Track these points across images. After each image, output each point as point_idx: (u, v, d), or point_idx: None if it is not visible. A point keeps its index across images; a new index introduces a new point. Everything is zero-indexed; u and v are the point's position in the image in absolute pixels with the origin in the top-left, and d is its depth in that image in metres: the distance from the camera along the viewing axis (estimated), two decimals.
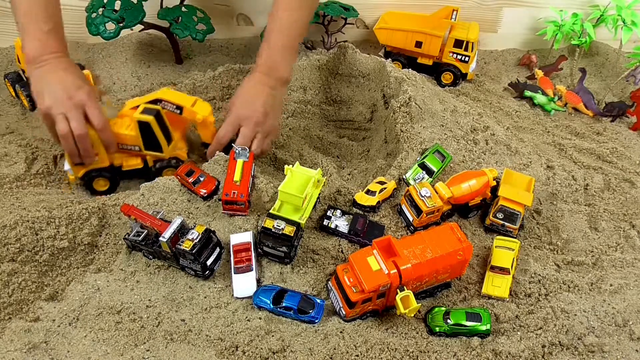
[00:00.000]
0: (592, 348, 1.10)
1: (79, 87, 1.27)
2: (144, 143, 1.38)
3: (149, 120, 1.32)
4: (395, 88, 1.58)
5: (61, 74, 1.28)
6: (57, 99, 1.24)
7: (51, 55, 1.29)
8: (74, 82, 1.28)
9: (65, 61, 1.32)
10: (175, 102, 1.39)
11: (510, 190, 1.31)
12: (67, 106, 1.24)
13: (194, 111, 1.39)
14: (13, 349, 1.06)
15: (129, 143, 1.39)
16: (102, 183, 1.42)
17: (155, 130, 1.35)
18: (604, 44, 2.05)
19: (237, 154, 1.33)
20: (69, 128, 1.24)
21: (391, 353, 1.07)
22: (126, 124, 1.37)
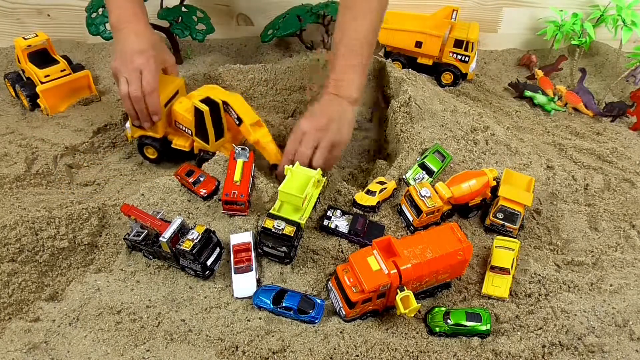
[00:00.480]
0: (592, 348, 1.10)
1: (142, 52, 1.32)
2: (195, 129, 1.41)
3: (204, 110, 1.34)
4: (395, 88, 1.58)
5: (132, 38, 1.34)
6: (122, 62, 1.32)
7: (127, 21, 1.36)
8: (140, 46, 1.33)
9: (139, 26, 1.37)
10: (238, 113, 1.40)
11: (510, 190, 1.31)
12: (128, 69, 1.31)
13: (249, 131, 1.39)
14: (13, 349, 1.06)
15: (184, 124, 1.43)
16: (151, 151, 1.50)
17: (207, 121, 1.36)
18: (604, 44, 2.05)
19: (237, 154, 1.33)
20: (127, 90, 1.31)
21: (391, 353, 1.07)
22: (188, 107, 1.40)
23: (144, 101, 1.33)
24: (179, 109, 1.41)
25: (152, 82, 1.32)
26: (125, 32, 1.35)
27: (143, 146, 1.49)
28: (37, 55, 1.65)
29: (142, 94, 1.32)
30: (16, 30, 1.93)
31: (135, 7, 1.38)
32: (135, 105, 1.34)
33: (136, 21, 1.37)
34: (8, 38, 1.90)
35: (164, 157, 1.51)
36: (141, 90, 1.31)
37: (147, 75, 1.31)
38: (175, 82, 1.47)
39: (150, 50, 1.34)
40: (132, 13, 1.37)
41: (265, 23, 1.95)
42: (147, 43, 1.35)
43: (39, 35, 1.65)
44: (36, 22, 1.94)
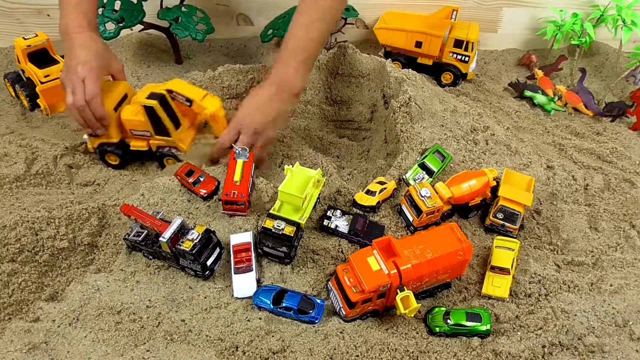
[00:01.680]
0: (592, 348, 1.10)
1: (85, 63, 1.35)
2: (153, 128, 1.41)
3: (153, 104, 1.36)
4: (395, 88, 1.58)
5: (76, 51, 1.37)
6: (67, 73, 1.36)
7: (74, 30, 1.38)
8: (83, 58, 1.35)
9: (82, 38, 1.38)
10: (185, 95, 1.41)
11: (510, 191, 1.31)
12: (72, 81, 1.34)
13: (202, 105, 1.42)
14: (13, 349, 1.06)
15: (140, 128, 1.43)
16: (113, 158, 1.50)
17: (161, 115, 1.38)
18: (604, 44, 2.05)
19: (237, 154, 1.33)
20: (72, 100, 1.34)
21: (391, 353, 1.07)
22: (134, 109, 1.41)
23: (88, 109, 1.35)
24: (128, 116, 1.42)
25: (93, 88, 1.34)
26: (69, 43, 1.38)
27: (104, 154, 1.49)
28: (37, 55, 1.65)
29: (85, 102, 1.34)
30: (16, 30, 1.93)
31: (81, 17, 1.40)
32: (82, 114, 1.36)
33: (80, 32, 1.38)
34: (8, 38, 1.90)
35: (126, 160, 1.52)
36: (84, 99, 1.33)
37: (88, 83, 1.34)
38: (121, 86, 1.48)
39: (92, 61, 1.36)
40: (78, 24, 1.39)
41: (265, 23, 1.95)
42: (89, 53, 1.37)
43: (39, 35, 1.65)
44: (36, 22, 1.94)
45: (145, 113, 1.39)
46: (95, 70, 1.36)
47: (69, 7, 1.39)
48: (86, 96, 1.34)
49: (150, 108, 1.37)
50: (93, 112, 1.36)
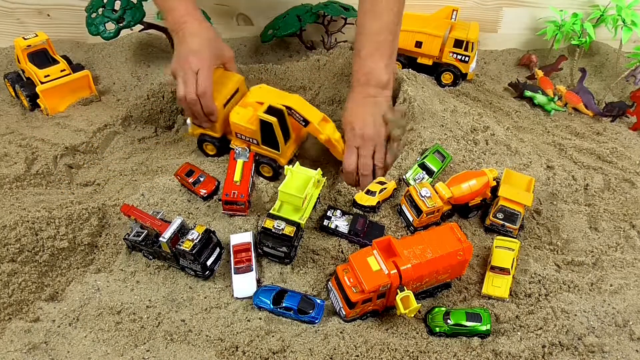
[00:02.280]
0: (592, 348, 1.10)
1: (196, 52, 1.32)
2: (262, 138, 1.38)
3: (273, 121, 1.31)
4: (395, 88, 1.58)
5: (187, 39, 1.34)
6: (178, 63, 1.33)
7: (184, 19, 1.36)
8: (195, 47, 1.33)
9: (193, 26, 1.37)
10: (303, 115, 1.39)
11: (510, 191, 1.31)
12: (184, 70, 1.32)
13: (318, 130, 1.39)
14: (13, 349, 1.06)
15: (247, 135, 1.39)
16: (210, 148, 1.48)
17: (277, 132, 1.34)
18: (604, 44, 2.05)
19: (237, 154, 1.33)
20: (184, 92, 1.31)
21: (391, 353, 1.07)
22: (248, 117, 1.37)
23: (199, 104, 1.32)
24: (238, 120, 1.37)
25: (205, 83, 1.30)
26: (181, 33, 1.36)
27: (203, 142, 1.48)
28: (37, 55, 1.65)
29: (196, 96, 1.31)
30: (16, 30, 1.93)
31: (188, 5, 1.38)
32: (192, 107, 1.33)
33: (190, 20, 1.36)
34: (8, 38, 1.90)
35: (223, 153, 1.49)
36: (195, 93, 1.31)
37: (200, 76, 1.30)
38: (234, 79, 1.45)
39: (204, 50, 1.33)
40: (185, 13, 1.37)
41: (265, 23, 1.95)
42: (202, 42, 1.34)
43: (39, 35, 1.65)
44: (36, 22, 1.94)
45: (259, 124, 1.34)
46: (208, 61, 1.33)
47: (171, 2, 1.37)
48: (197, 90, 1.30)
49: (268, 124, 1.32)
50: (203, 107, 1.33)
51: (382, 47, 1.42)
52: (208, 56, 1.33)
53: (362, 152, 1.41)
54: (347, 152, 1.42)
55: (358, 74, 1.44)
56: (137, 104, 1.66)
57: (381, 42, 1.42)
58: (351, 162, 1.41)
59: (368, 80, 1.42)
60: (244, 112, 1.39)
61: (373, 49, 1.41)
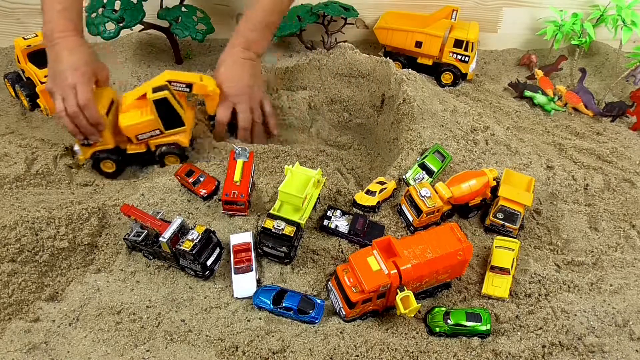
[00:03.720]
0: (592, 348, 1.10)
1: (75, 69, 1.32)
2: (164, 124, 1.39)
3: (166, 95, 1.34)
4: (395, 88, 1.58)
5: (65, 55, 1.34)
6: (56, 80, 1.33)
7: (60, 35, 1.35)
8: (72, 64, 1.33)
9: (71, 41, 1.35)
10: (184, 81, 1.41)
11: (510, 191, 1.31)
12: (62, 87, 1.32)
13: (203, 85, 1.42)
14: (13, 349, 1.07)
15: (149, 129, 1.40)
16: (109, 165, 1.47)
17: (174, 104, 1.36)
18: (604, 44, 2.05)
19: (237, 154, 1.33)
20: (63, 107, 1.32)
21: (391, 353, 1.07)
22: (140, 112, 1.39)
23: (82, 115, 1.32)
24: (130, 121, 1.39)
25: (86, 94, 1.31)
26: (57, 48, 1.34)
27: (99, 162, 1.46)
28: (37, 55, 1.65)
29: (78, 109, 1.31)
30: (16, 30, 1.93)
31: (67, 20, 1.36)
32: (75, 121, 1.33)
33: (66, 36, 1.35)
34: (8, 38, 1.90)
35: (122, 167, 1.49)
36: (77, 105, 1.31)
37: (80, 89, 1.31)
38: (107, 92, 1.45)
39: (82, 66, 1.34)
40: (63, 28, 1.35)
41: None
42: (79, 59, 1.34)
43: (39, 35, 1.65)
44: (36, 22, 1.94)
45: (155, 109, 1.36)
46: (86, 76, 1.33)
47: (53, 12, 1.35)
48: (79, 102, 1.31)
49: (163, 100, 1.34)
50: (88, 118, 1.33)
51: (270, 25, 1.55)
52: (85, 71, 1.34)
53: (240, 107, 1.49)
54: (222, 105, 1.48)
55: (242, 37, 1.52)
56: None
57: (272, 22, 1.55)
58: (225, 115, 1.49)
59: (249, 46, 1.51)
60: (130, 114, 1.40)
61: (263, 20, 1.52)
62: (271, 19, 1.54)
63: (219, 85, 1.46)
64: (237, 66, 1.48)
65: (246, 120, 1.51)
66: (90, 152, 1.44)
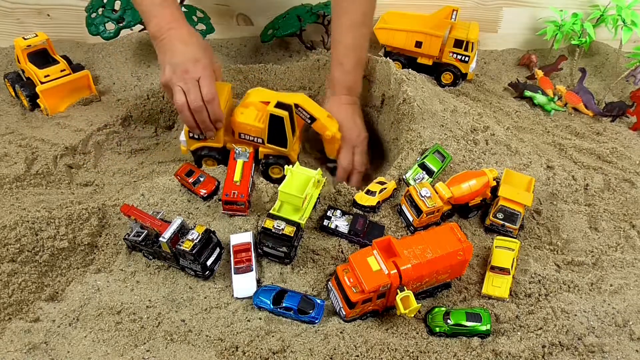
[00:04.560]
0: (592, 348, 1.10)
1: (196, 60, 1.28)
2: (269, 136, 1.37)
3: (284, 115, 1.31)
4: (395, 88, 1.58)
5: (180, 47, 1.29)
6: (175, 72, 1.27)
7: (170, 26, 1.31)
8: (192, 55, 1.28)
9: (182, 33, 1.31)
10: (310, 112, 1.42)
11: (510, 191, 1.31)
12: (184, 79, 1.26)
13: (325, 126, 1.43)
14: (13, 350, 1.07)
15: (252, 134, 1.38)
16: (211, 162, 1.43)
17: (287, 127, 1.34)
18: (604, 44, 2.05)
19: (237, 154, 1.33)
20: (185, 100, 1.26)
21: (391, 353, 1.07)
22: (254, 116, 1.37)
23: (205, 110, 1.28)
24: (243, 119, 1.36)
25: (212, 89, 1.27)
26: (168, 40, 1.30)
27: (201, 158, 1.42)
28: (37, 55, 1.65)
29: (203, 103, 1.27)
30: (16, 30, 1.93)
31: (174, 11, 1.33)
32: (197, 116, 1.28)
33: (178, 27, 1.31)
34: (8, 38, 1.90)
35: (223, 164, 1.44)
36: (202, 100, 1.26)
37: (205, 83, 1.27)
38: (226, 88, 1.43)
39: (203, 58, 1.29)
40: (172, 19, 1.31)
41: (265, 23, 1.95)
42: (197, 49, 1.30)
43: (39, 35, 1.65)
44: (36, 22, 1.94)
45: (268, 121, 1.33)
46: (209, 69, 1.28)
47: (154, 7, 1.31)
48: (205, 97, 1.26)
49: (279, 118, 1.31)
50: (210, 114, 1.30)
51: (361, 63, 1.56)
52: (207, 64, 1.30)
53: (358, 150, 1.52)
54: (345, 150, 1.51)
55: (340, 84, 1.54)
56: (137, 104, 1.66)
57: (361, 59, 1.55)
58: (349, 160, 1.51)
59: (350, 91, 1.54)
60: (248, 112, 1.38)
61: (355, 63, 1.53)
62: (360, 55, 1.54)
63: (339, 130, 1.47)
64: (349, 113, 1.51)
65: (363, 164, 1.53)
66: (195, 146, 1.40)
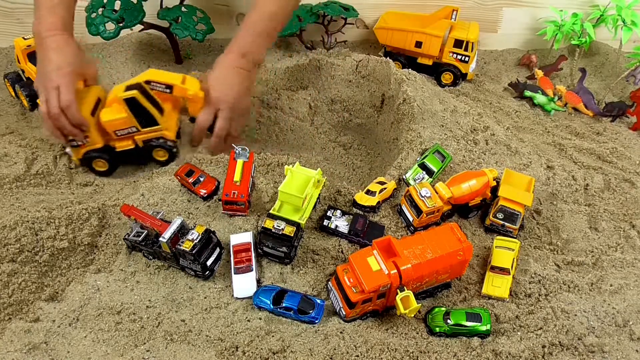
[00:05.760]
0: (592, 348, 1.10)
1: (59, 69, 1.31)
2: (138, 122, 1.39)
3: (134, 94, 1.33)
4: (395, 88, 1.58)
5: (50, 55, 1.32)
6: (40, 79, 1.33)
7: (47, 34, 1.33)
8: (56, 64, 1.31)
9: (57, 40, 1.34)
10: (164, 82, 1.40)
11: (510, 191, 1.31)
12: (46, 89, 1.31)
13: (184, 88, 1.40)
14: (13, 350, 1.06)
15: (125, 126, 1.40)
16: (101, 164, 1.46)
17: (144, 103, 1.35)
18: (604, 44, 2.05)
19: (237, 154, 1.33)
20: (46, 109, 1.30)
21: (391, 353, 1.07)
22: (117, 110, 1.38)
23: (63, 117, 1.31)
24: (109, 117, 1.38)
25: (68, 96, 1.29)
26: (44, 47, 1.33)
27: (91, 161, 1.45)
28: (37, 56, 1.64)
29: (59, 111, 1.29)
30: (16, 30, 1.93)
31: (55, 17, 1.34)
32: (56, 123, 1.31)
33: (54, 35, 1.33)
34: (8, 38, 1.90)
35: (115, 165, 1.48)
36: (58, 107, 1.29)
37: (62, 91, 1.29)
38: (94, 90, 1.44)
39: (67, 66, 1.32)
40: (52, 27, 1.33)
41: None
42: (64, 59, 1.32)
43: None
44: None
45: (127, 107, 1.35)
46: (70, 76, 1.31)
47: (43, 10, 1.34)
48: (61, 104, 1.29)
49: (132, 99, 1.34)
50: (70, 120, 1.32)
51: (272, 32, 1.50)
52: (69, 71, 1.32)
53: (222, 114, 1.42)
54: (205, 110, 1.42)
55: (240, 44, 1.46)
56: None
57: (272, 28, 1.49)
58: (206, 120, 1.41)
59: (246, 54, 1.45)
60: (111, 109, 1.39)
61: (263, 30, 1.47)
62: (271, 25, 1.49)
63: (206, 89, 1.43)
64: (229, 73, 1.44)
65: (223, 129, 1.43)
66: (81, 153, 1.43)
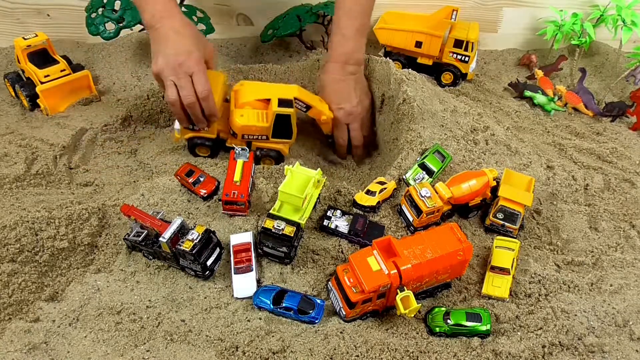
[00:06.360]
0: (592, 348, 1.10)
1: (189, 53, 1.26)
2: (273, 132, 1.39)
3: (290, 113, 1.36)
4: (395, 88, 1.58)
5: (173, 37, 1.27)
6: (168, 63, 1.25)
7: (164, 15, 1.30)
8: (185, 47, 1.26)
9: (176, 22, 1.30)
10: (307, 102, 1.44)
11: (510, 191, 1.31)
12: (176, 73, 1.25)
13: (322, 112, 1.46)
14: (13, 350, 1.06)
15: (257, 133, 1.39)
16: (204, 150, 1.47)
17: (293, 123, 1.38)
18: (604, 44, 2.05)
19: (237, 154, 1.33)
20: (177, 95, 1.26)
21: (391, 353, 1.07)
22: (255, 116, 1.38)
23: (199, 107, 1.27)
24: (246, 122, 1.36)
25: (207, 86, 1.26)
26: (162, 30, 1.28)
27: (195, 147, 1.45)
28: (37, 55, 1.65)
29: (196, 99, 1.26)
30: (16, 30, 1.93)
31: (167, 2, 1.31)
32: (190, 111, 1.29)
33: (171, 16, 1.29)
34: (8, 38, 1.90)
35: (217, 153, 1.48)
36: (195, 95, 1.26)
37: (198, 78, 1.26)
38: (221, 78, 1.42)
39: (195, 50, 1.27)
40: (167, 8, 1.30)
41: (265, 23, 1.95)
42: (191, 41, 1.28)
43: (39, 35, 1.65)
44: (36, 22, 1.94)
45: (273, 120, 1.35)
46: (202, 63, 1.27)
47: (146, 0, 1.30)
48: (199, 93, 1.25)
49: (286, 117, 1.35)
50: (204, 109, 1.29)
51: (362, 29, 1.49)
52: (200, 56, 1.28)
53: (353, 127, 1.51)
54: (338, 129, 1.50)
55: (338, 52, 1.48)
56: (137, 104, 1.66)
57: (363, 25, 1.49)
58: (344, 139, 1.53)
59: (348, 59, 1.47)
60: (247, 113, 1.39)
61: (355, 30, 1.47)
62: (362, 21, 1.47)
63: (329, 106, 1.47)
64: (340, 86, 1.46)
65: (359, 140, 1.54)
66: (189, 136, 1.42)
